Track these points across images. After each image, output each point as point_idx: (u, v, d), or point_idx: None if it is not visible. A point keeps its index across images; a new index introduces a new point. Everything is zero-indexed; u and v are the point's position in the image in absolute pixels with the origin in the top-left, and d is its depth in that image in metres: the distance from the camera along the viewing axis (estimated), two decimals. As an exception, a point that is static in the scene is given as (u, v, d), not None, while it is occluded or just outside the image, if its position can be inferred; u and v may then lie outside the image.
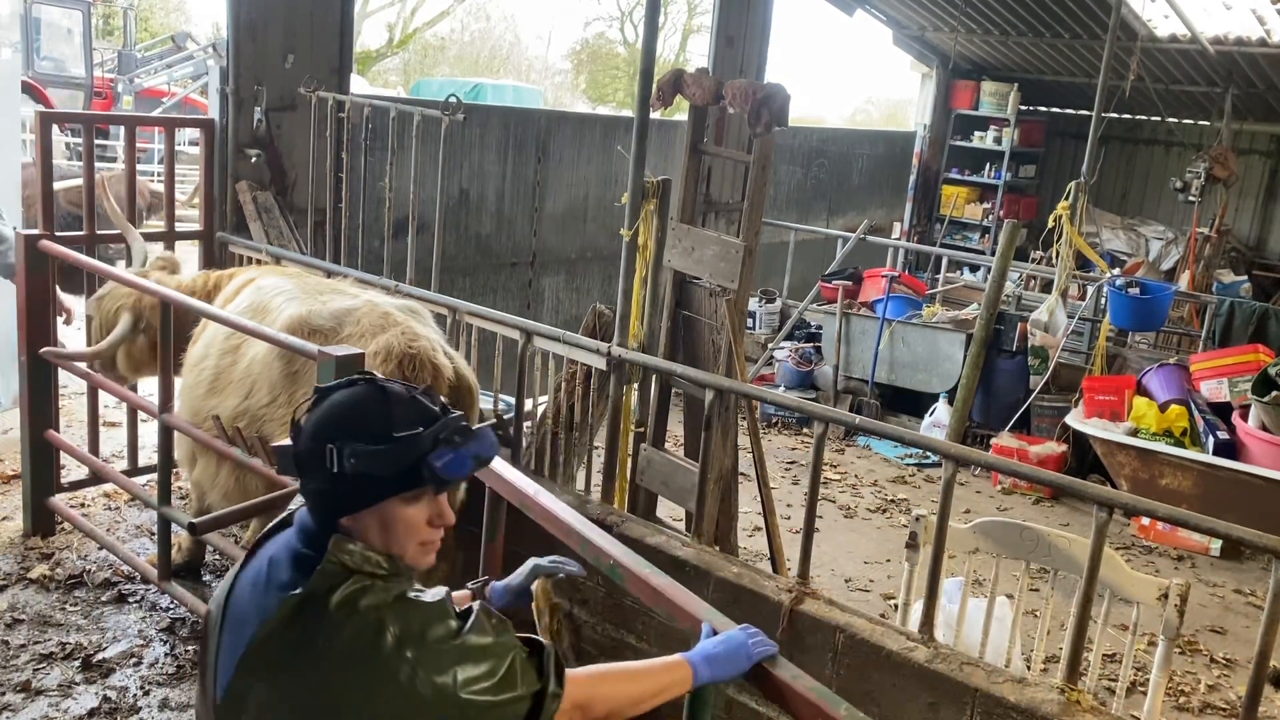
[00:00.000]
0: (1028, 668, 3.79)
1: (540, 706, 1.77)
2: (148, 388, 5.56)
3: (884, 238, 11.60)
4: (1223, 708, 4.68)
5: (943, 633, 3.63)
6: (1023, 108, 12.92)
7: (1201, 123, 12.55)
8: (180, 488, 5.34)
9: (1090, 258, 8.31)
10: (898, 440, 6.51)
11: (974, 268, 11.34)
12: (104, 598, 4.62)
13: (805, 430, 7.94)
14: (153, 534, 5.03)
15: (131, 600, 4.62)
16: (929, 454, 7.32)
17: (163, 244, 5.83)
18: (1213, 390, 6.78)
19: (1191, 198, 9.71)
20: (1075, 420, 6.96)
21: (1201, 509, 4.30)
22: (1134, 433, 6.64)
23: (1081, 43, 11.37)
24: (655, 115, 4.62)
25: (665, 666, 1.98)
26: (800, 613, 3.61)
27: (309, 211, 6.30)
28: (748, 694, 3.77)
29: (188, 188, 14.00)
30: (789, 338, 9.07)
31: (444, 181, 5.71)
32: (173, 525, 4.40)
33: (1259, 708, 2.92)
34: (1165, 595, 3.21)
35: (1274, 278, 12.04)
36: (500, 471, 2.40)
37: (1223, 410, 6.67)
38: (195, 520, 3.68)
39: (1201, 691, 4.79)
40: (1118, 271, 9.27)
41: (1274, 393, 6.13)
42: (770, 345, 9.06)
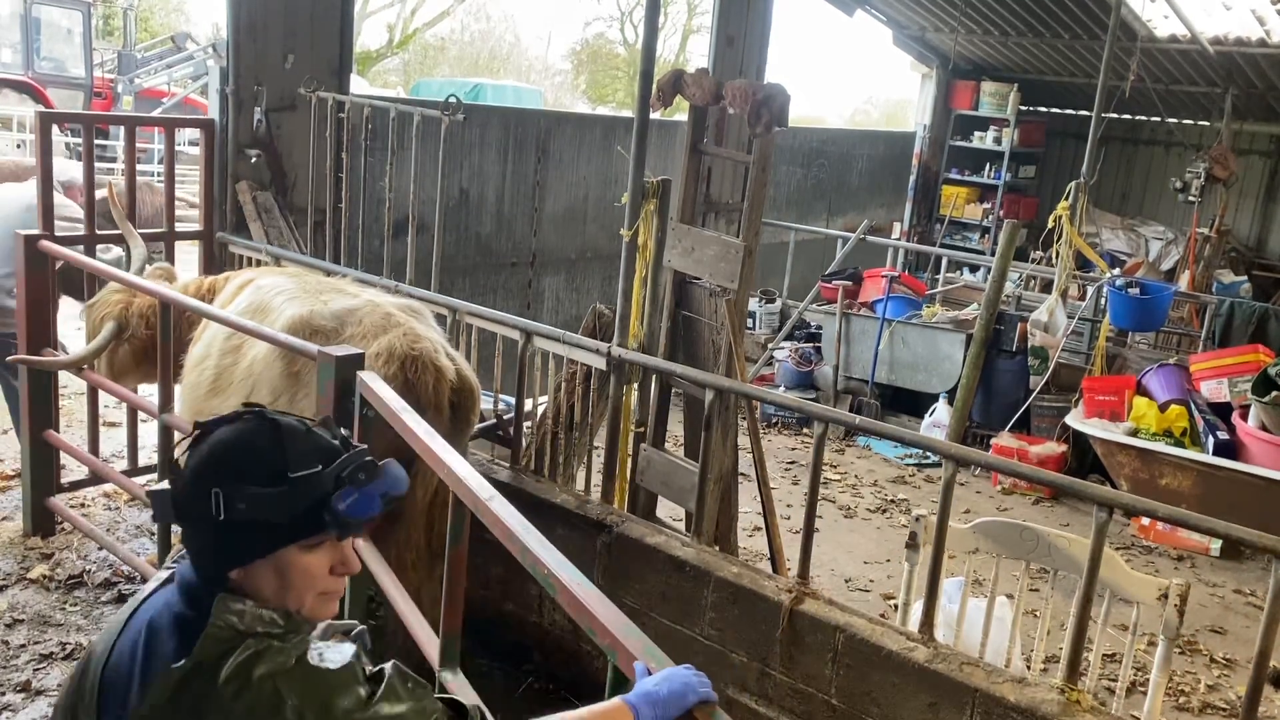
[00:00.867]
0: (1028, 668, 3.79)
1: None
2: (148, 388, 5.57)
3: (884, 238, 11.59)
4: (1223, 708, 4.67)
5: (943, 633, 3.63)
6: (1023, 108, 12.92)
7: (1201, 123, 12.55)
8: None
9: (1090, 258, 8.31)
10: (898, 440, 6.52)
11: (974, 268, 11.34)
12: (104, 598, 4.62)
13: (805, 430, 7.94)
14: (153, 534, 5.03)
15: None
16: (929, 454, 7.32)
17: (163, 244, 5.83)
18: (1213, 390, 6.78)
19: (1191, 198, 9.70)
20: (1075, 420, 6.96)
21: (1201, 509, 4.30)
22: (1134, 433, 6.64)
23: (1081, 43, 11.37)
24: (655, 115, 4.61)
25: (604, 713, 1.72)
26: (800, 613, 3.62)
27: (309, 211, 6.30)
28: (748, 694, 3.77)
29: (190, 188, 14.02)
30: (789, 338, 9.07)
31: (444, 181, 5.72)
32: (172, 525, 4.38)
33: (1259, 708, 2.92)
34: (1165, 595, 3.21)
35: (1274, 278, 12.04)
36: (459, 475, 2.39)
37: (1223, 410, 6.66)
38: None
39: (1201, 691, 4.79)
40: (1118, 271, 9.27)
41: (1274, 393, 6.13)
42: (770, 345, 9.06)
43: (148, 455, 5.50)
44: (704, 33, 28.80)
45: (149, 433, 5.43)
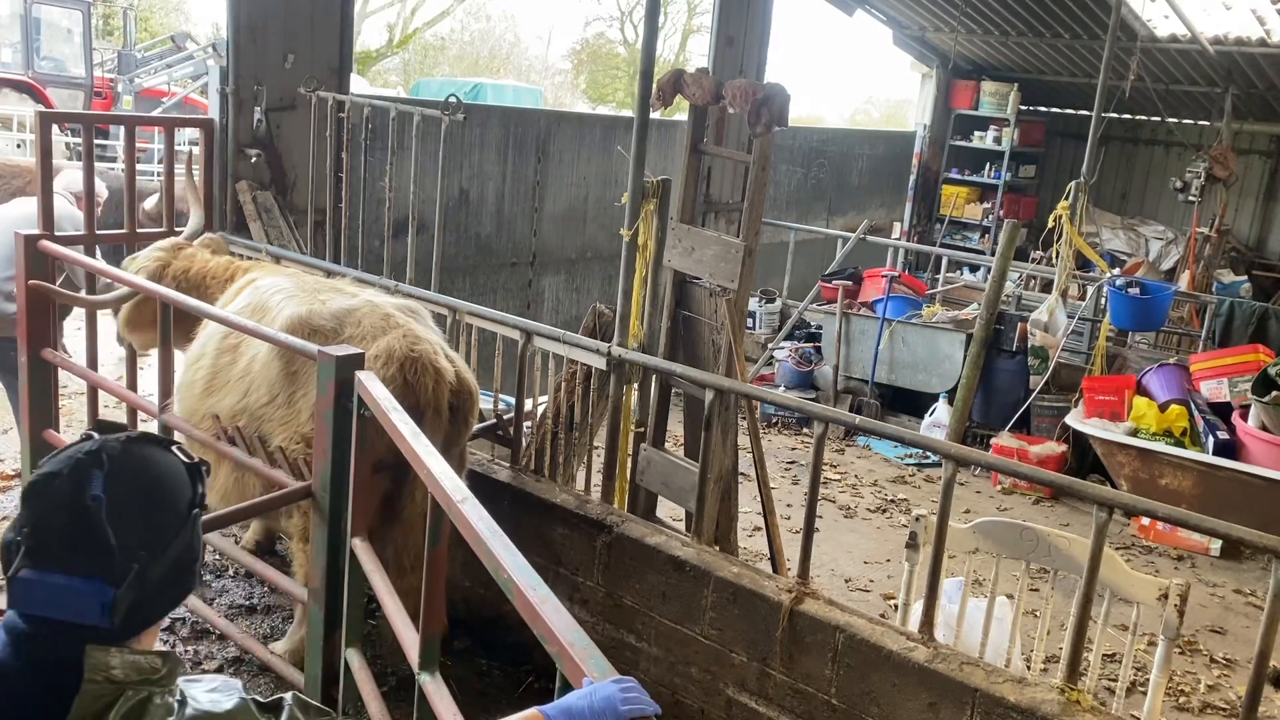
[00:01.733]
0: (1028, 668, 3.79)
1: None
2: (148, 388, 5.56)
3: (884, 238, 11.60)
4: (1223, 708, 4.67)
5: (943, 633, 3.63)
6: (1023, 108, 12.92)
7: (1201, 123, 12.55)
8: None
9: (1090, 258, 8.31)
10: (898, 440, 6.52)
11: (974, 268, 11.34)
12: (104, 598, 4.61)
13: (805, 430, 7.94)
14: (153, 534, 5.02)
15: (131, 600, 4.61)
16: (929, 454, 7.32)
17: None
18: (1213, 390, 6.78)
19: (1191, 198, 9.71)
20: (1075, 420, 6.96)
21: (1201, 509, 4.30)
22: (1134, 433, 6.64)
23: (1081, 43, 11.37)
24: (655, 115, 4.62)
25: None
26: (800, 613, 3.62)
27: (309, 211, 6.30)
28: (748, 694, 3.77)
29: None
30: (789, 338, 9.07)
31: (444, 181, 5.72)
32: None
33: (1259, 708, 2.92)
34: (1165, 595, 3.21)
35: (1274, 278, 12.04)
36: (436, 475, 2.39)
37: (1223, 410, 6.66)
38: (195, 520, 3.67)
39: (1201, 691, 4.79)
40: (1118, 271, 9.27)
41: (1274, 393, 6.13)
42: (770, 345, 9.06)
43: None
44: (704, 33, 28.81)
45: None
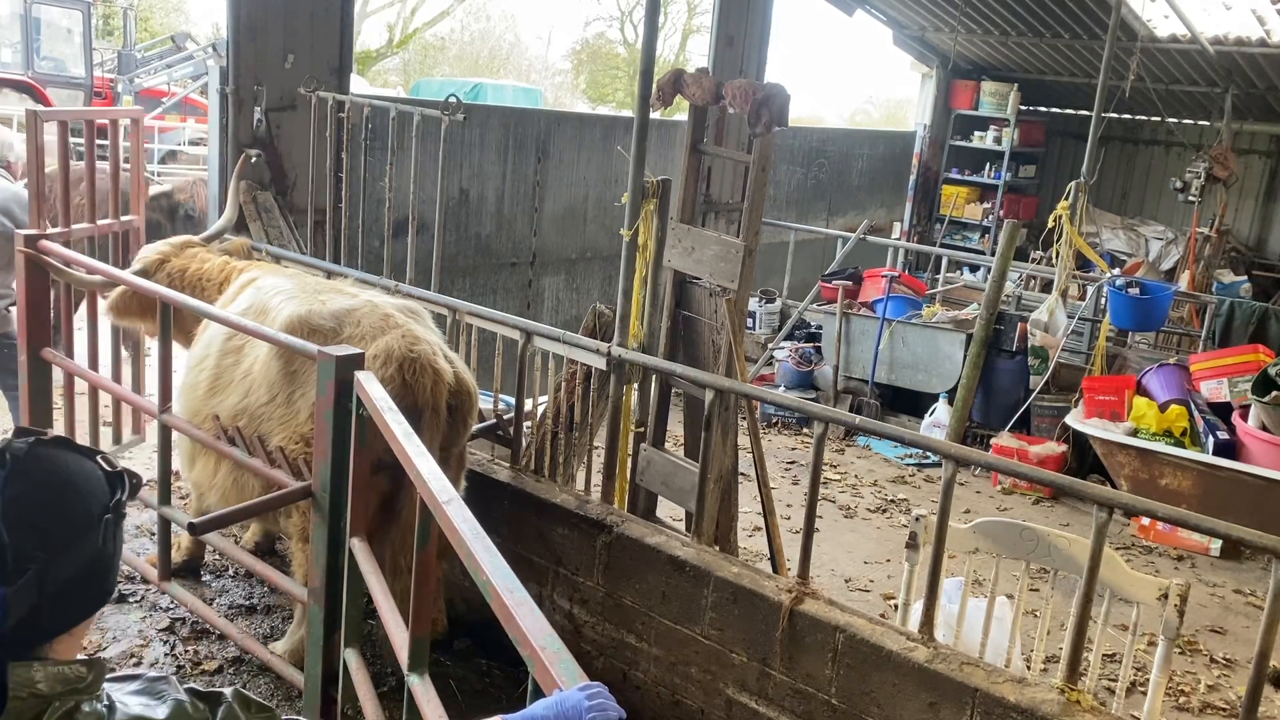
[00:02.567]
0: (1028, 668, 3.79)
1: None
2: (147, 388, 5.57)
3: (884, 238, 11.60)
4: (1223, 708, 4.68)
5: (943, 633, 3.63)
6: (1023, 108, 12.92)
7: (1201, 123, 12.55)
8: (179, 488, 5.34)
9: (1090, 258, 8.31)
10: (898, 440, 6.52)
11: (974, 268, 11.34)
12: (104, 598, 4.61)
13: (805, 430, 7.94)
14: (153, 534, 5.03)
15: (131, 600, 4.61)
16: (929, 454, 7.32)
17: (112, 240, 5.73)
18: (1213, 390, 6.78)
19: (1191, 198, 9.71)
20: (1075, 420, 6.96)
21: (1201, 509, 4.30)
22: (1134, 433, 6.64)
23: (1081, 43, 11.37)
24: (655, 115, 4.62)
25: None
26: (800, 613, 3.62)
27: (309, 211, 6.30)
28: (748, 694, 3.78)
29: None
30: (789, 338, 9.07)
31: (444, 181, 5.71)
32: (173, 525, 4.40)
33: (1259, 708, 2.92)
34: (1165, 595, 3.21)
35: (1274, 278, 12.04)
36: (423, 476, 2.38)
37: (1223, 410, 6.67)
38: (195, 520, 3.68)
39: (1201, 691, 4.79)
40: (1118, 271, 9.27)
41: (1274, 393, 6.13)
42: (770, 345, 9.06)
43: (147, 455, 5.50)
44: (704, 33, 28.80)
45: (149, 433, 5.42)
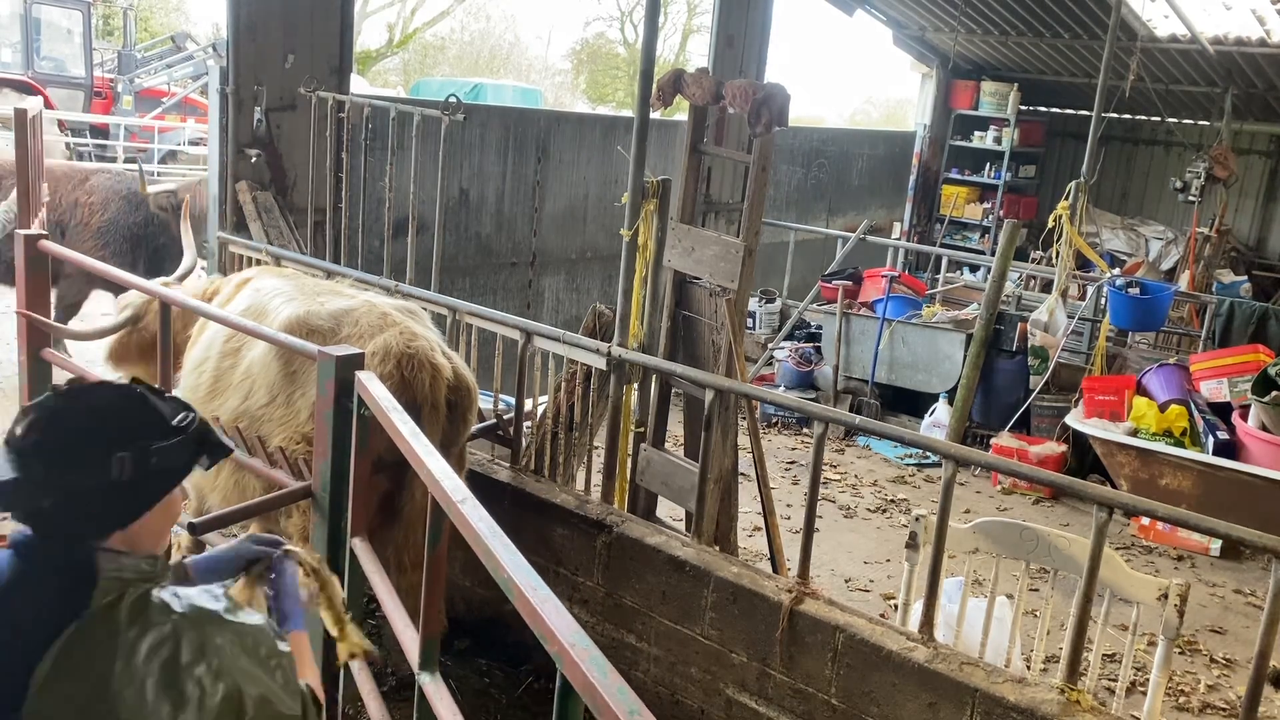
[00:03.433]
0: (1028, 668, 3.79)
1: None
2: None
3: (884, 238, 11.60)
4: (1223, 708, 4.68)
5: (943, 633, 3.63)
6: (1023, 108, 12.91)
7: (1201, 123, 12.54)
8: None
9: (1090, 258, 8.31)
10: (898, 440, 6.52)
11: (974, 268, 11.34)
12: (104, 598, 4.61)
13: (805, 430, 7.93)
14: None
15: (131, 600, 4.61)
16: (929, 454, 7.31)
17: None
18: (1213, 390, 6.78)
19: (1191, 198, 9.71)
20: (1075, 420, 6.96)
21: (1201, 509, 4.30)
22: (1134, 433, 6.64)
23: (1081, 43, 11.37)
24: (655, 115, 4.62)
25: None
26: (800, 613, 3.62)
27: (309, 211, 6.30)
28: (748, 694, 3.78)
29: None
30: (789, 338, 9.07)
31: (444, 181, 5.72)
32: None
33: (1259, 708, 2.92)
34: (1165, 595, 3.21)
35: (1274, 278, 12.04)
36: (436, 475, 2.38)
37: (1223, 410, 6.66)
38: (195, 520, 3.68)
39: (1201, 691, 4.79)
40: (1118, 271, 9.27)
41: (1274, 393, 6.13)
42: (770, 345, 9.06)
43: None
44: (704, 33, 28.79)
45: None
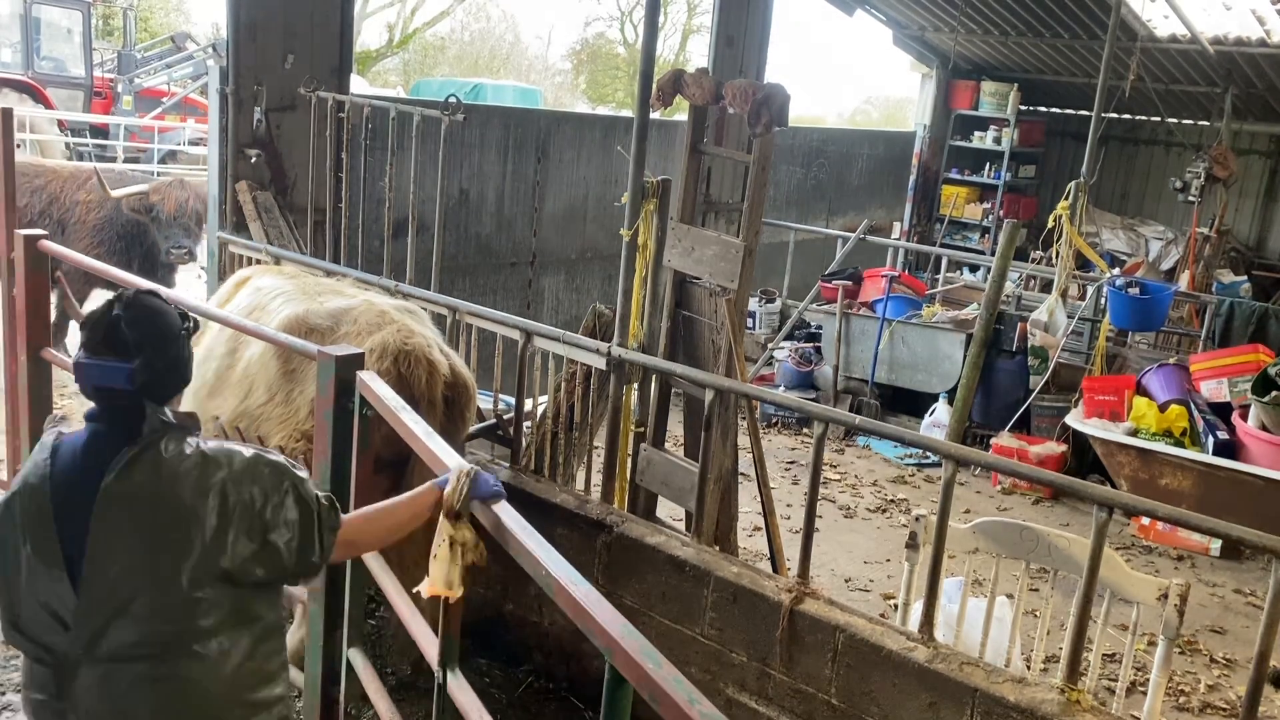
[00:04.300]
0: (1028, 668, 3.79)
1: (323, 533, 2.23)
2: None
3: (884, 238, 11.59)
4: (1223, 708, 4.68)
5: (943, 633, 3.63)
6: (1023, 108, 12.91)
7: (1201, 123, 12.54)
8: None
9: (1090, 258, 8.30)
10: (898, 440, 6.52)
11: (974, 268, 11.34)
12: (104, 598, 4.60)
13: (805, 430, 7.93)
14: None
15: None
16: (929, 454, 7.32)
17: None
18: (1213, 390, 6.77)
19: (1191, 198, 9.70)
20: (1075, 420, 6.96)
21: (1201, 509, 4.30)
22: (1134, 433, 6.64)
23: (1081, 43, 11.37)
24: (655, 115, 4.62)
25: (415, 492, 2.43)
26: (800, 612, 3.62)
27: (309, 211, 6.30)
28: (748, 694, 3.78)
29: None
30: (789, 338, 9.07)
31: (444, 181, 5.72)
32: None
33: (1259, 708, 2.92)
34: (1165, 595, 3.21)
35: (1274, 278, 12.03)
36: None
37: (1223, 410, 6.66)
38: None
39: (1201, 691, 4.79)
40: (1118, 271, 9.27)
41: (1274, 393, 6.13)
42: (770, 345, 9.06)
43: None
44: (704, 33, 28.79)
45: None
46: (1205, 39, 10.06)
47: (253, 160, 6.23)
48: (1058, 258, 7.65)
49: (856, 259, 9.82)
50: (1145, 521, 6.52)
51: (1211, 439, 6.39)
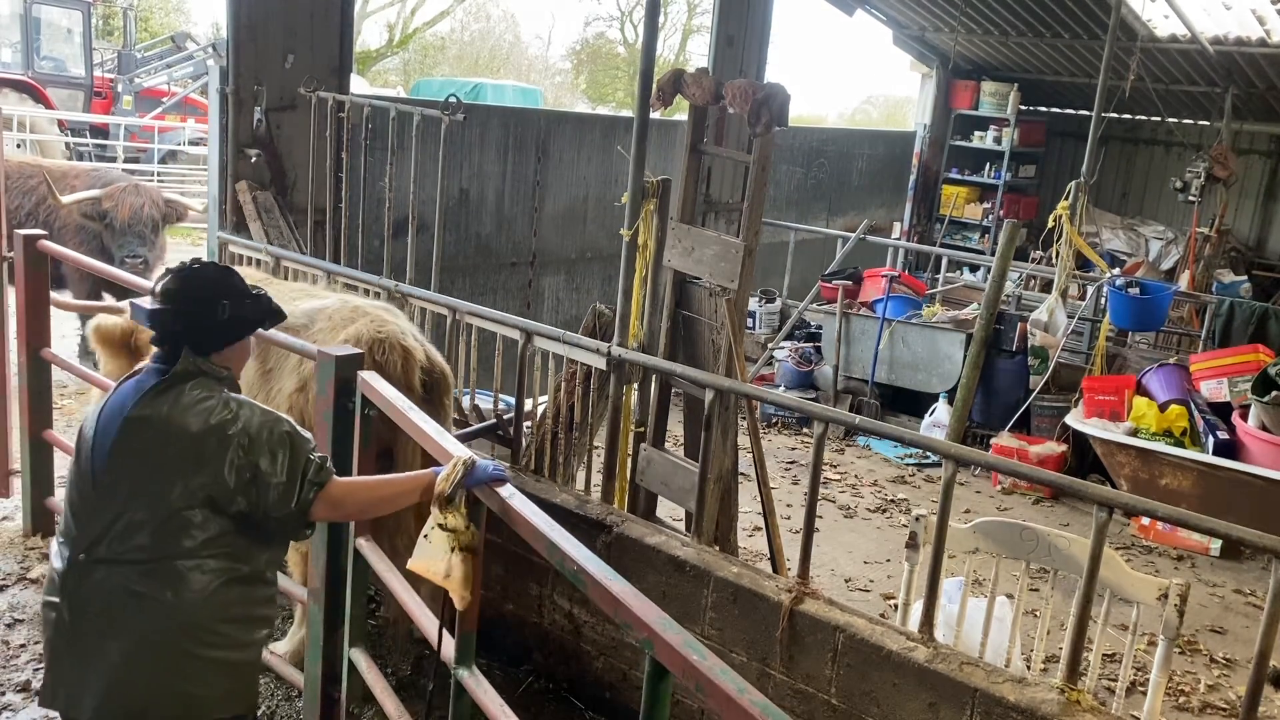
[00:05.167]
0: (1028, 668, 3.79)
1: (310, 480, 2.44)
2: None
3: (884, 238, 11.59)
4: (1223, 708, 4.68)
5: (943, 633, 3.63)
6: (1023, 108, 12.91)
7: (1201, 123, 12.54)
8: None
9: (1090, 258, 8.30)
10: (898, 440, 6.52)
11: (974, 268, 11.34)
12: (104, 598, 4.61)
13: (805, 430, 7.93)
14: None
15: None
16: (929, 454, 7.32)
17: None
18: (1213, 390, 6.78)
19: (1191, 198, 9.70)
20: (1075, 420, 6.96)
21: (1201, 509, 4.30)
22: (1134, 433, 6.64)
23: (1081, 43, 11.37)
24: (655, 115, 4.62)
25: (411, 473, 2.65)
26: (800, 612, 3.62)
27: (309, 211, 6.30)
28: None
29: (191, 188, 14.01)
30: (789, 338, 9.07)
31: (444, 181, 5.72)
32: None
33: (1259, 708, 2.92)
34: (1165, 595, 3.21)
35: (1274, 278, 12.03)
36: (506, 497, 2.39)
37: (1223, 410, 6.66)
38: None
39: (1201, 691, 4.79)
40: (1118, 271, 9.27)
41: (1274, 393, 6.13)
42: (770, 345, 9.06)
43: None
44: (704, 33, 28.80)
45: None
46: (1205, 39, 10.06)
47: (253, 160, 6.23)
48: (1058, 258, 7.65)
49: (856, 259, 9.82)
50: (1145, 521, 6.52)
51: (1211, 439, 6.39)
